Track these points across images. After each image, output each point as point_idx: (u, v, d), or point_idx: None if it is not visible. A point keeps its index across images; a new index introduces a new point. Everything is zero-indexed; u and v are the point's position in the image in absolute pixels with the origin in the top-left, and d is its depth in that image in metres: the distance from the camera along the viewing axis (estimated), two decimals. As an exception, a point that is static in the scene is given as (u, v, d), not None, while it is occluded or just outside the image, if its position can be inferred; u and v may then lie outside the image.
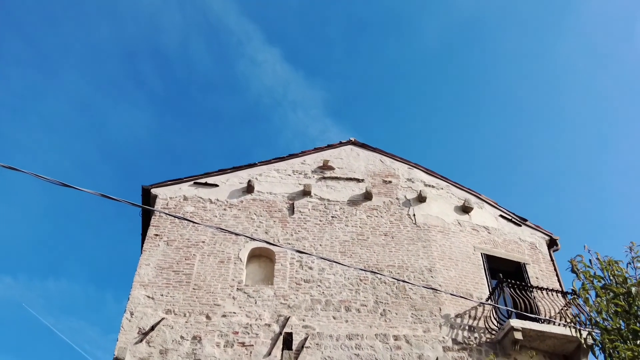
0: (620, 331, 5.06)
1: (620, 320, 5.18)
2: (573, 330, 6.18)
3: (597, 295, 5.44)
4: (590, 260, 5.60)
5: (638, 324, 5.05)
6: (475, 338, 12.32)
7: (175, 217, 12.78)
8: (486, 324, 12.57)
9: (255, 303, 12.17)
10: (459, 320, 12.59)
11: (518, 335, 11.75)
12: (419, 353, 11.78)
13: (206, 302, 12.04)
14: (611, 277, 5.44)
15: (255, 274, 12.95)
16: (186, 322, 11.64)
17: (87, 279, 42.42)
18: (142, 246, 13.26)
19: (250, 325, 11.77)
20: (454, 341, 12.19)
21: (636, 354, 4.43)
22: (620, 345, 4.61)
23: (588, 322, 5.63)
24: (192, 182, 14.52)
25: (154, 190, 14.19)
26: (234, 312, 11.94)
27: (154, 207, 13.34)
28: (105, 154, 42.39)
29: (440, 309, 12.71)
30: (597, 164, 43.25)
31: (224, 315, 11.85)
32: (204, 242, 13.15)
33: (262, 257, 13.27)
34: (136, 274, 12.37)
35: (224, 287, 12.35)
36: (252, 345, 11.46)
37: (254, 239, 11.09)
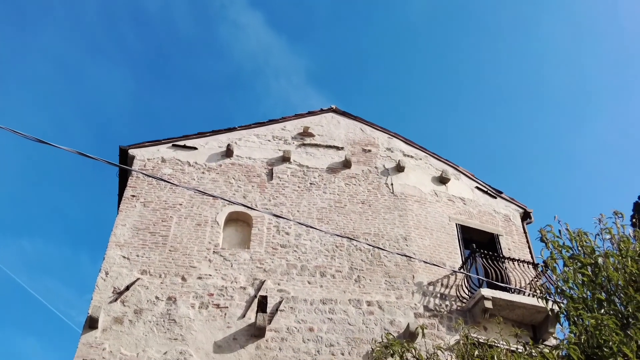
0: (585, 300, 5.22)
1: (586, 290, 5.34)
2: (541, 300, 6.34)
3: (565, 265, 5.58)
4: (559, 231, 5.73)
5: (603, 294, 5.20)
6: (447, 306, 12.58)
7: (152, 177, 12.74)
8: (458, 293, 12.83)
9: (231, 266, 12.25)
10: (431, 288, 12.82)
11: (488, 304, 12.01)
12: (391, 319, 12.01)
13: (182, 264, 12.09)
14: (579, 248, 5.58)
15: (231, 238, 13.01)
16: (161, 282, 11.69)
17: (62, 239, 42.21)
18: (118, 207, 13.21)
19: (226, 287, 11.87)
20: (426, 308, 12.44)
21: (599, 321, 4.58)
22: (584, 313, 4.76)
23: (555, 291, 5.78)
24: (170, 144, 14.42)
25: (131, 151, 14.08)
26: (210, 275, 12.01)
27: (131, 168, 13.23)
28: (83, 113, 41.81)
29: (413, 277, 12.92)
30: (574, 140, 43.80)
31: (199, 277, 11.92)
32: (181, 204, 13.13)
33: (240, 221, 13.31)
34: (112, 234, 12.35)
35: (200, 249, 12.40)
36: (227, 307, 11.58)
37: (231, 202, 11.14)
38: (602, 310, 5.05)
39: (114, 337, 10.74)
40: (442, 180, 15.41)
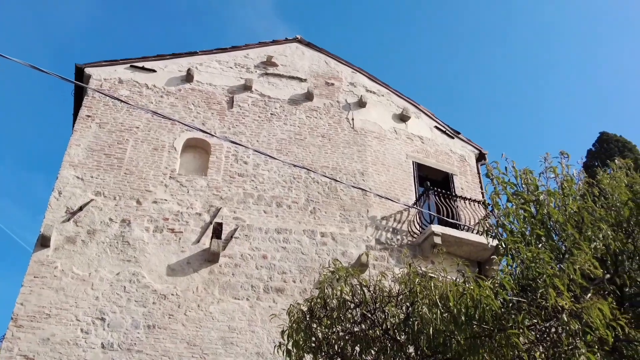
0: (524, 235, 5.43)
1: (527, 225, 5.55)
2: (484, 235, 6.57)
3: (508, 201, 5.78)
4: (506, 168, 5.90)
5: (542, 230, 5.42)
6: (398, 240, 12.92)
7: (109, 97, 12.44)
8: (409, 228, 13.17)
9: (188, 192, 12.24)
10: (384, 222, 13.12)
11: (437, 240, 12.37)
12: (343, 250, 12.30)
13: (137, 187, 12.02)
14: (524, 185, 5.77)
15: (189, 164, 12.94)
16: (116, 205, 11.64)
17: (16, 161, 41.26)
18: (73, 127, 12.92)
19: (181, 213, 11.90)
20: (377, 241, 12.76)
21: (535, 255, 4.80)
22: (522, 247, 4.97)
23: (497, 226, 6.00)
24: (128, 65, 14.03)
25: (87, 70, 13.66)
26: (165, 200, 12.00)
27: (87, 86, 12.87)
28: (40, 29, 40.07)
29: (367, 211, 13.17)
30: (535, 85, 44.32)
31: (154, 202, 11.90)
32: (137, 127, 12.92)
33: (198, 148, 13.22)
34: (66, 153, 12.13)
35: (156, 174, 12.32)
36: (182, 232, 11.65)
37: (190, 128, 11.01)
38: (540, 245, 5.29)
39: (66, 257, 10.73)
40: (403, 118, 15.50)
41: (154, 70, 14.10)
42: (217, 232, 11.54)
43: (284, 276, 11.64)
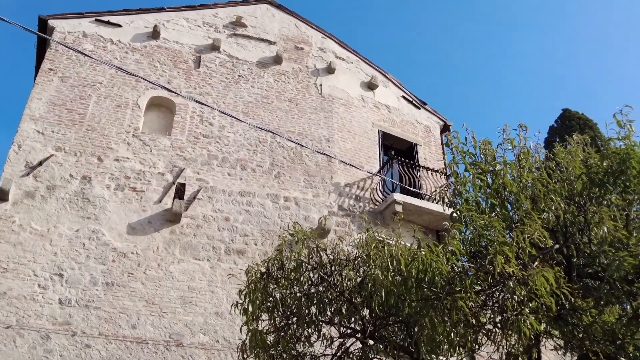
0: (479, 204, 5.57)
1: (482, 194, 5.69)
2: (442, 204, 6.71)
3: (466, 170, 5.90)
4: (465, 138, 6.01)
5: (497, 199, 5.57)
6: (360, 207, 13.07)
7: (72, 50, 12.14)
8: (372, 196, 13.33)
9: (151, 151, 12.12)
10: (347, 189, 13.23)
11: (398, 208, 12.55)
12: (306, 215, 12.39)
13: (99, 144, 11.84)
14: (482, 156, 5.89)
15: (153, 123, 12.77)
16: (76, 161, 11.46)
17: (-25, 112, 40.01)
18: (35, 80, 12.60)
19: (144, 172, 11.79)
20: (340, 207, 12.89)
21: (487, 223, 4.93)
22: (475, 215, 5.10)
23: (453, 194, 6.13)
24: (93, 19, 13.65)
25: (51, 22, 13.25)
26: (128, 158, 11.86)
27: (50, 37, 12.50)
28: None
29: (332, 177, 13.26)
30: (502, 59, 44.69)
31: (116, 160, 11.76)
32: (101, 83, 12.66)
33: (162, 107, 13.04)
34: (26, 107, 11.83)
35: (119, 131, 12.14)
36: (144, 191, 11.56)
37: (154, 84, 10.85)
38: (493, 214, 5.44)
39: (25, 211, 10.57)
40: (371, 86, 15.53)
41: (119, 25, 13.77)
42: (179, 192, 11.49)
43: (245, 239, 11.70)
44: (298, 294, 6.18)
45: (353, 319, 6.49)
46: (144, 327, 10.06)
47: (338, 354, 6.47)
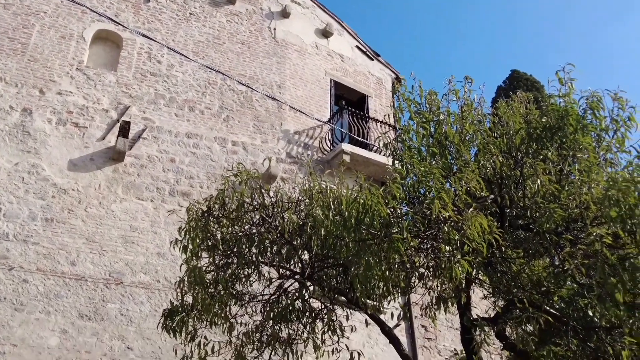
0: (420, 152, 5.68)
1: (424, 142, 5.80)
2: (389, 153, 6.81)
3: (410, 118, 5.98)
4: (412, 87, 6.06)
5: (438, 148, 5.68)
6: (308, 155, 13.10)
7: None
8: (320, 145, 13.36)
9: (95, 87, 11.74)
10: (296, 137, 13.22)
11: (346, 158, 12.64)
12: (254, 160, 12.34)
13: (41, 76, 11.39)
14: (427, 105, 5.97)
15: (98, 57, 12.33)
16: (17, 92, 11.01)
17: None
18: (-28, 4, 11.92)
19: (87, 107, 11.45)
20: (288, 155, 12.89)
21: (427, 169, 5.04)
22: (417, 161, 5.21)
23: (396, 141, 6.22)
24: (37, -57, 12.91)
25: (-10, -57, 12.46)
26: (71, 92, 11.48)
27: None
28: None
29: (281, 124, 13.20)
30: (460, 13, 44.87)
31: (59, 93, 11.36)
32: (45, 12, 12.08)
33: (108, 41, 12.58)
34: (-38, 32, 11.23)
35: (62, 64, 11.69)
36: (86, 127, 11.25)
37: (101, 16, 10.43)
38: (434, 162, 5.55)
39: (-41, 142, 10.17)
40: (325, 33, 15.36)
41: (65, -48, 13.06)
42: (124, 130, 11.22)
43: (191, 181, 11.61)
44: (239, 234, 6.21)
45: (292, 261, 6.59)
46: (84, 265, 9.96)
47: (276, 294, 6.59)
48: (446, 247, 4.56)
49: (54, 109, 11.13)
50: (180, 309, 6.36)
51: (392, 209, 4.85)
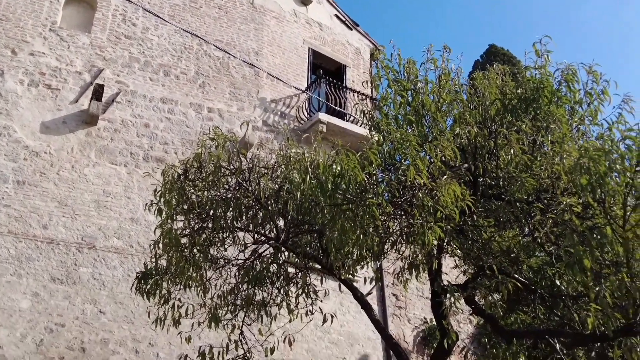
0: (397, 119, 5.71)
1: (401, 111, 5.83)
2: (363, 118, 6.83)
3: (388, 86, 6.00)
4: (391, 55, 6.07)
5: (415, 116, 5.72)
6: (285, 124, 13.06)
7: None
8: (297, 114, 13.32)
9: (68, 48, 11.49)
10: (273, 105, 13.15)
11: (323, 128, 12.64)
12: (230, 127, 12.26)
13: (13, 36, 11.10)
14: (405, 74, 5.99)
15: (71, 18, 12.03)
16: (-14, 52, 10.74)
17: None
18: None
19: (60, 69, 11.22)
20: (265, 123, 12.84)
21: (403, 136, 5.08)
22: (393, 128, 5.24)
23: (374, 108, 6.25)
24: None
25: None
26: (43, 53, 11.22)
27: None
28: None
29: (258, 92, 13.11)
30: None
31: (31, 54, 11.10)
32: (16, -31, 11.72)
33: (82, 1, 12.27)
34: None
35: (35, 24, 11.40)
36: (59, 89, 11.05)
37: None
38: (410, 130, 5.60)
39: None
40: (304, 1, 15.19)
41: None
42: (97, 94, 11.03)
43: (165, 147, 11.51)
44: (215, 198, 6.19)
45: (268, 227, 6.62)
46: (56, 228, 9.87)
47: (251, 259, 6.62)
48: (420, 212, 4.62)
49: (26, 70, 10.89)
50: (154, 271, 6.36)
51: (368, 175, 4.89)
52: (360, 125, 12.88)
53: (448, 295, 5.54)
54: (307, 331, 10.71)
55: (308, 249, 6.65)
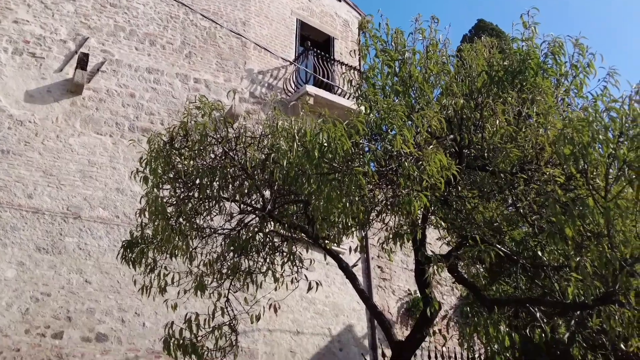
0: (384, 89, 5.71)
1: (388, 81, 5.83)
2: (354, 99, 6.83)
3: (376, 56, 5.98)
4: (379, 24, 6.04)
5: (402, 86, 5.72)
6: (272, 95, 12.99)
7: None
8: (284, 85, 13.26)
9: (53, 16, 11.32)
10: (260, 76, 13.07)
11: (310, 100, 12.60)
12: (216, 98, 12.13)
13: (-6, 2, 10.90)
14: (393, 44, 5.97)
15: (56, -15, 11.82)
16: (-32, 18, 10.55)
17: None
18: None
19: (44, 37, 11.06)
20: (252, 94, 12.77)
21: (390, 106, 5.09)
22: (380, 98, 5.25)
23: (360, 78, 6.24)
24: None
25: None
26: (27, 21, 11.05)
27: None
28: None
29: (245, 63, 13.01)
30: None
31: (15, 21, 10.93)
32: None
33: (67, -32, 12.05)
34: None
35: (17, -10, 11.19)
36: (44, 58, 10.90)
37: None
38: (397, 100, 5.60)
39: None
40: (292, -28, 15.02)
41: None
42: (82, 62, 10.90)
43: (151, 117, 11.43)
44: (201, 169, 6.18)
45: (254, 197, 6.63)
46: (41, 198, 9.82)
47: (237, 229, 6.63)
48: (405, 182, 4.65)
49: (10, 37, 10.72)
50: (140, 240, 6.36)
51: (354, 144, 4.90)
52: (348, 98, 12.87)
53: (432, 263, 5.60)
54: (292, 302, 10.82)
55: (294, 219, 6.68)
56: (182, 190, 6.27)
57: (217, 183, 6.23)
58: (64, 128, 10.51)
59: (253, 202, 6.63)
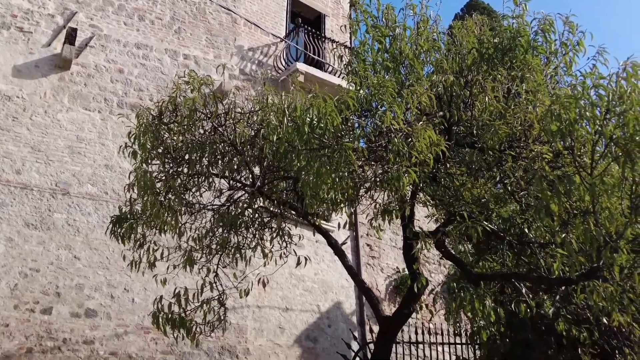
0: (375, 65, 5.71)
1: (379, 57, 5.82)
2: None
3: (366, 32, 5.97)
4: (370, 0, 6.02)
5: (392, 63, 5.72)
6: (262, 73, 12.93)
7: None
8: (275, 63, 13.19)
9: (39, -11, 11.13)
10: (250, 53, 12.99)
11: (300, 78, 12.54)
12: (206, 75, 12.05)
13: (-20, -26, 10.72)
14: (384, 20, 5.95)
15: (42, -42, 11.62)
16: (-47, -10, 10.37)
17: None
18: None
19: (32, 11, 10.90)
20: (242, 71, 12.70)
21: (380, 82, 5.09)
22: (370, 74, 5.24)
23: (351, 54, 6.22)
24: None
25: None
26: (13, -7, 10.87)
27: None
28: None
29: (235, 39, 12.92)
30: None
31: (0, -6, 10.75)
32: None
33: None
34: None
35: (3, -37, 10.99)
36: (31, 32, 10.76)
37: None
38: (387, 76, 5.60)
39: None
40: (283, -52, 14.84)
41: None
42: (70, 37, 10.77)
43: (140, 93, 11.35)
44: (190, 143, 6.16)
45: (244, 173, 6.63)
46: (29, 174, 9.77)
47: (226, 205, 6.64)
48: (395, 158, 4.67)
49: (-5, 10, 10.56)
50: (129, 215, 6.36)
51: (344, 119, 4.91)
52: (339, 76, 12.83)
53: (420, 240, 5.64)
54: (282, 279, 10.89)
55: (284, 195, 6.70)
56: (171, 165, 6.26)
57: (207, 159, 6.22)
58: (52, 103, 10.42)
59: (242, 179, 6.64)
